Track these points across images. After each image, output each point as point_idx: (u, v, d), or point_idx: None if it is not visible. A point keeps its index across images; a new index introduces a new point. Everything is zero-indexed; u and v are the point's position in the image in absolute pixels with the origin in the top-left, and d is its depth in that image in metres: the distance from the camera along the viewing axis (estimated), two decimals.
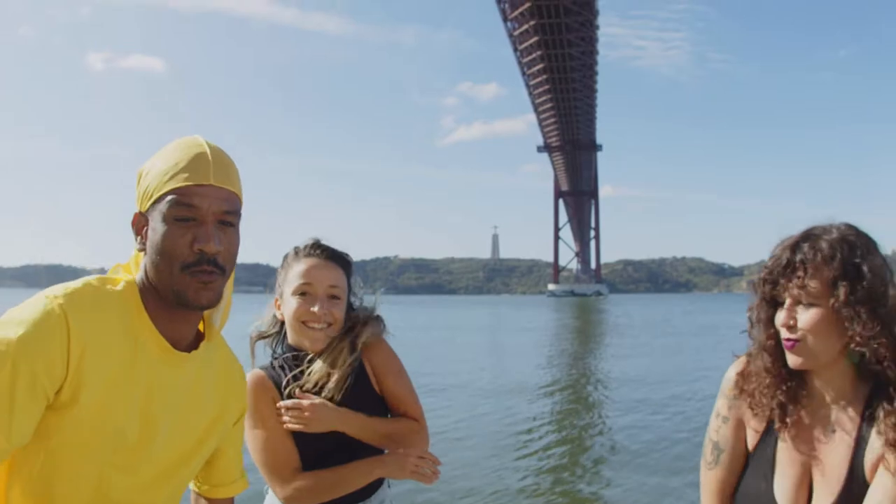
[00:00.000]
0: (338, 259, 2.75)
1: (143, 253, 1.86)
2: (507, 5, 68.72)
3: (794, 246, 2.06)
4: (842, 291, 1.96)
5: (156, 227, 1.81)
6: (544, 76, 79.87)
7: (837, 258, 1.99)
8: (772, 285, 2.09)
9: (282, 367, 2.72)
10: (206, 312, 2.00)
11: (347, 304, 2.77)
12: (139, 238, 1.88)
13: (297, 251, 2.75)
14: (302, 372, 2.67)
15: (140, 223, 1.87)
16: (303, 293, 2.67)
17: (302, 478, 2.59)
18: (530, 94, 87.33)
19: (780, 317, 2.06)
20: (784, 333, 2.05)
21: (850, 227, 2.07)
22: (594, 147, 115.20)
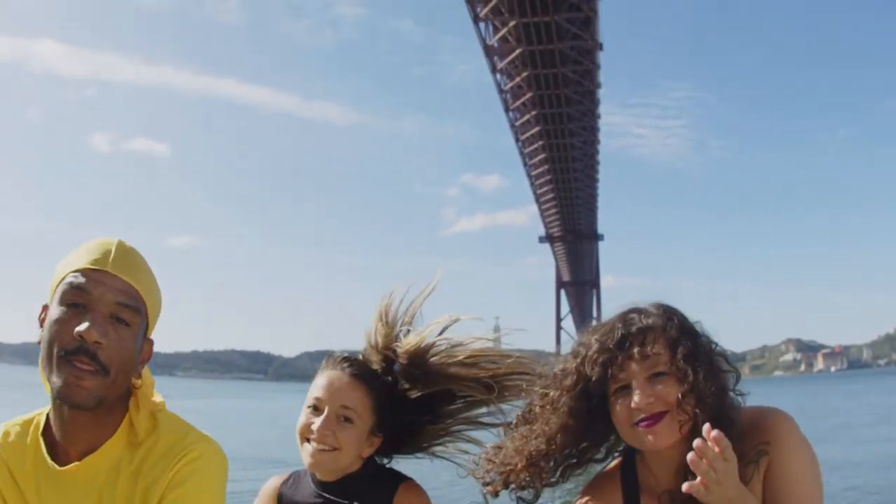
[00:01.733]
0: (367, 379, 2.50)
1: None
2: (508, 95, 66.93)
3: (623, 321, 2.08)
4: (687, 351, 2.00)
5: (49, 314, 1.80)
6: (546, 166, 77.99)
7: (673, 321, 2.05)
8: (602, 368, 2.03)
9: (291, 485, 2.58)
10: (135, 416, 1.91)
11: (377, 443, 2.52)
12: (41, 330, 1.82)
13: (326, 361, 2.55)
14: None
15: (42, 315, 1.84)
16: (313, 406, 2.46)
17: None
18: (532, 184, 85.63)
19: (635, 396, 1.99)
20: (638, 416, 2.00)
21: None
22: (595, 237, 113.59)
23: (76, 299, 1.77)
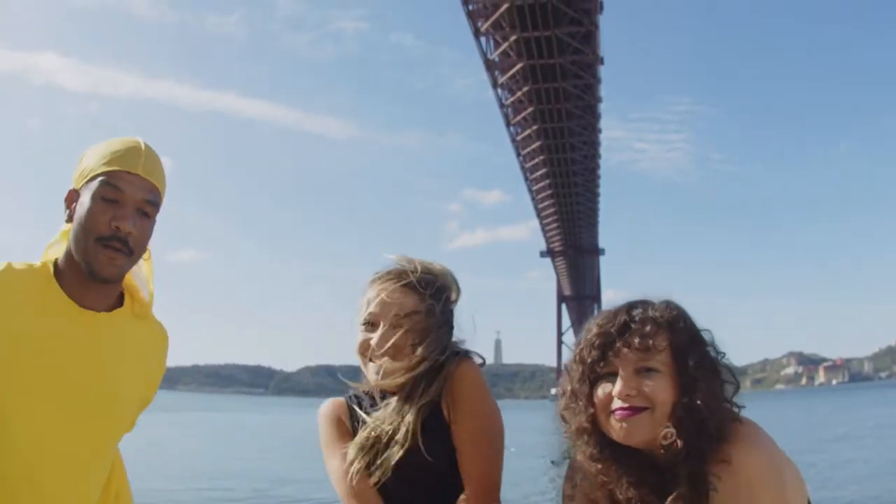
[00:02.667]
0: (415, 285, 2.48)
1: (69, 225, 2.18)
2: (510, 110, 66.95)
3: (628, 309, 2.02)
4: (692, 357, 1.94)
5: (83, 203, 2.14)
6: (547, 181, 78.02)
7: (682, 322, 1.98)
8: (600, 352, 1.98)
9: (355, 403, 2.57)
10: (131, 288, 2.33)
11: (438, 336, 2.45)
12: (68, 211, 2.21)
13: (374, 277, 2.55)
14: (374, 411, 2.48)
15: (72, 198, 2.20)
16: (368, 323, 2.47)
17: None
18: (533, 198, 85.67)
19: (618, 385, 1.94)
20: (617, 403, 1.94)
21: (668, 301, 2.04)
22: (597, 251, 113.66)
23: (111, 195, 2.12)
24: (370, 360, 2.44)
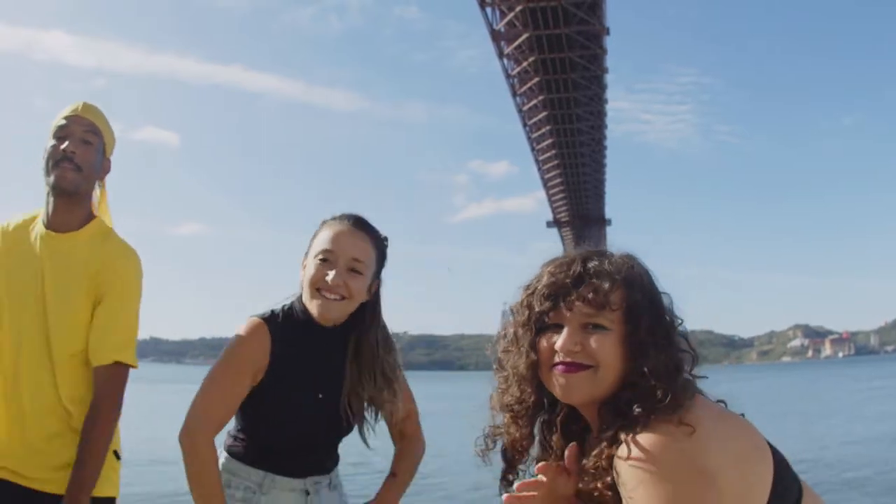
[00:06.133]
0: (370, 233, 2.72)
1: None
2: (515, 80, 66.60)
3: (584, 259, 1.87)
4: (645, 319, 1.80)
5: (46, 144, 2.95)
6: (553, 151, 77.66)
7: (639, 281, 1.85)
8: (550, 302, 1.84)
9: (284, 317, 2.74)
10: (100, 212, 3.10)
11: (375, 289, 2.79)
12: (42, 159, 2.96)
13: (332, 218, 2.74)
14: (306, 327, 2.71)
15: (43, 151, 2.96)
16: (323, 259, 2.64)
17: (208, 447, 2.59)
18: (539, 168, 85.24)
19: (562, 338, 1.81)
20: (560, 357, 1.82)
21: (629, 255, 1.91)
22: (604, 221, 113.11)
23: (60, 133, 2.95)
24: (320, 292, 2.63)
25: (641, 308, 1.82)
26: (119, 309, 2.93)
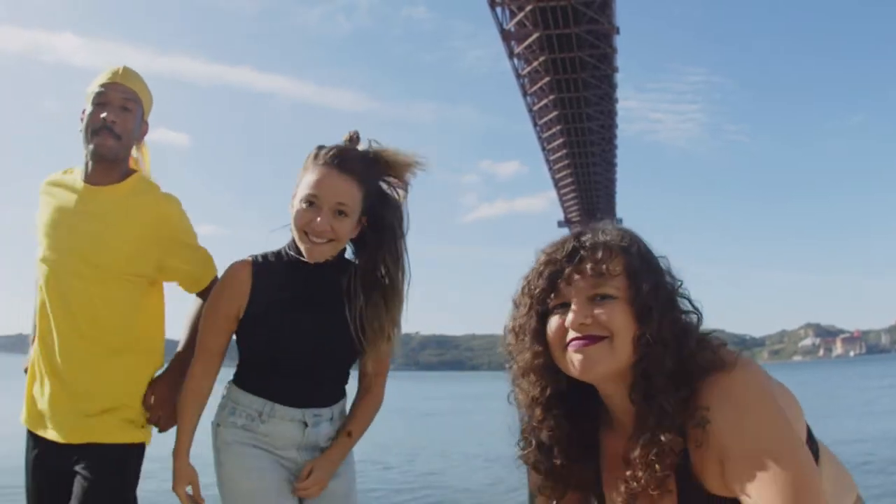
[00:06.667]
0: (355, 172, 2.72)
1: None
2: (526, 80, 66.52)
3: (577, 235, 1.86)
4: (647, 282, 1.78)
5: (85, 110, 3.03)
6: (564, 151, 77.61)
7: (635, 247, 1.84)
8: (548, 281, 1.82)
9: (272, 256, 2.88)
10: (139, 168, 3.22)
11: (364, 223, 2.81)
12: (81, 122, 3.04)
13: (316, 154, 2.73)
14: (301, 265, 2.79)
15: (82, 113, 3.04)
16: (309, 202, 2.68)
17: (198, 372, 2.85)
18: (550, 168, 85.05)
19: (571, 313, 1.78)
20: (572, 334, 1.79)
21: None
22: (614, 221, 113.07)
23: (100, 100, 3.00)
24: (307, 235, 2.70)
25: (640, 271, 1.80)
26: (191, 242, 3.13)
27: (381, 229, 2.85)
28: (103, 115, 2.96)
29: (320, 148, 2.75)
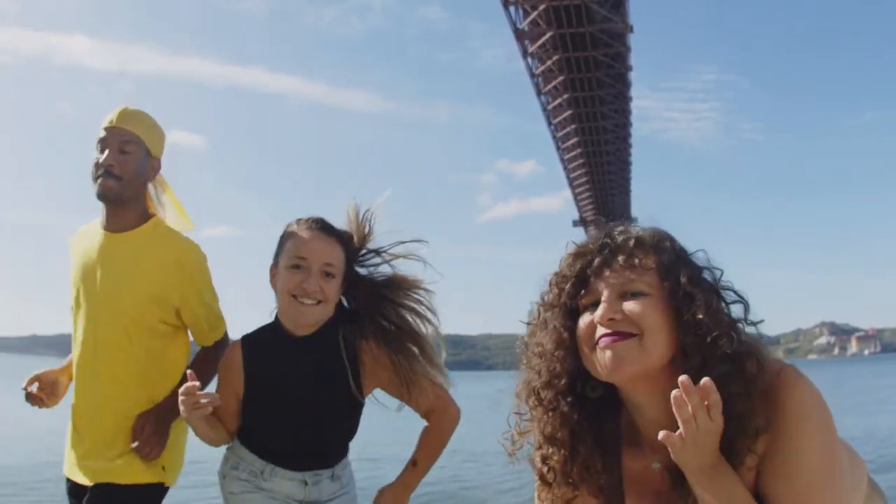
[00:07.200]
0: (337, 236, 2.80)
1: None
2: (540, 80, 66.32)
3: (608, 231, 1.81)
4: (683, 275, 1.71)
5: (92, 156, 3.11)
6: (579, 150, 77.35)
7: (668, 243, 1.78)
8: (578, 276, 1.77)
9: (262, 332, 2.90)
10: (156, 212, 3.27)
11: (345, 285, 2.84)
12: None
13: (297, 223, 2.80)
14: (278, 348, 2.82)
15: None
16: (296, 266, 2.72)
17: (222, 434, 2.90)
18: (565, 167, 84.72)
19: (601, 309, 1.72)
20: (601, 331, 1.72)
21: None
22: (629, 220, 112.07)
23: (101, 146, 3.10)
24: (296, 298, 2.72)
25: (675, 265, 1.74)
26: (205, 294, 3.16)
27: (358, 285, 2.92)
28: (101, 159, 3.08)
29: (297, 219, 2.83)
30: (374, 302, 2.87)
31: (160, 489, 3.11)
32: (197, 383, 2.60)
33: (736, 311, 1.77)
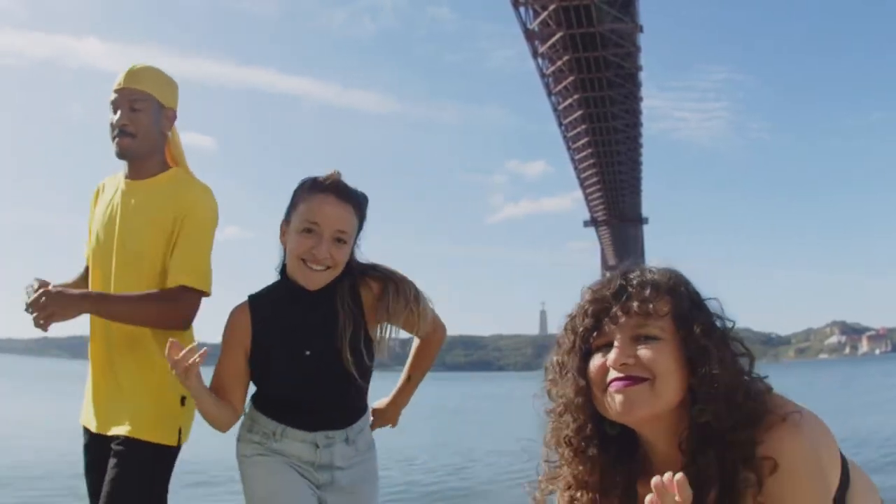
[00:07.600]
0: (352, 200, 2.78)
1: None
2: (550, 80, 66.20)
3: (624, 273, 1.83)
4: (697, 323, 1.74)
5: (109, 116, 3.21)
6: (589, 150, 77.09)
7: (683, 287, 1.80)
8: (594, 319, 1.78)
9: (270, 291, 2.92)
10: (176, 157, 3.35)
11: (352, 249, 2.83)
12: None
13: (313, 183, 2.77)
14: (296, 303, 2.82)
15: None
16: (308, 230, 2.71)
17: (229, 412, 2.83)
18: (576, 168, 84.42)
19: (613, 352, 1.74)
20: (613, 374, 1.73)
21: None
22: (640, 220, 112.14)
23: (113, 106, 3.18)
24: (305, 262, 2.73)
25: (691, 313, 1.76)
26: (190, 239, 3.10)
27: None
28: (115, 120, 3.15)
29: (314, 178, 2.80)
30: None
31: (171, 451, 3.07)
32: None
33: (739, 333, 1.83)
